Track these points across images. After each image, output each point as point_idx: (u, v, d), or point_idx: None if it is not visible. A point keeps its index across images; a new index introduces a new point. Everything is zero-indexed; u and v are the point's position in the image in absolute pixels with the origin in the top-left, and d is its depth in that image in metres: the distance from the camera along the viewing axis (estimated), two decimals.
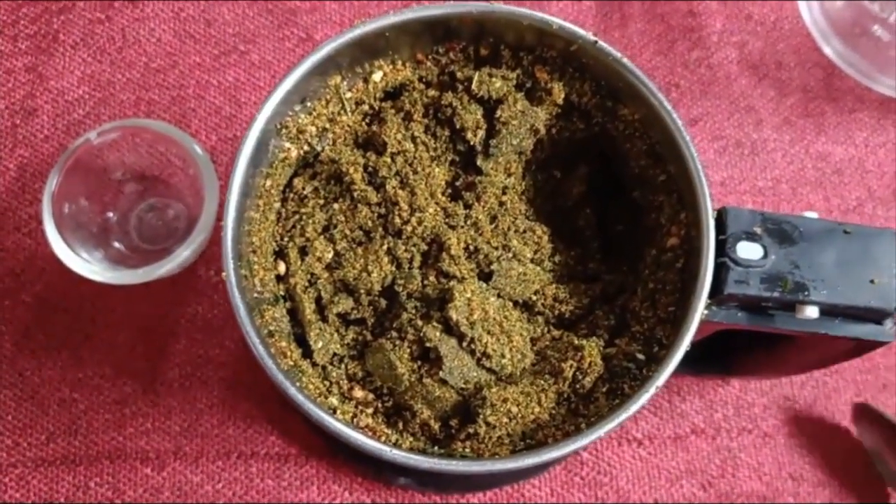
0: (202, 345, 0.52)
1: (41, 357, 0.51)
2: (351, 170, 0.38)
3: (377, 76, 0.41)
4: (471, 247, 0.39)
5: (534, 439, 0.36)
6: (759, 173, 0.59)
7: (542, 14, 0.39)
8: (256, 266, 0.37)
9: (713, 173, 0.58)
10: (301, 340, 0.38)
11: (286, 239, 0.39)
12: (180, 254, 0.46)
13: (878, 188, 0.59)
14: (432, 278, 0.38)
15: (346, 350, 0.39)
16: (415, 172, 0.39)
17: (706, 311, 0.37)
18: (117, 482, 0.49)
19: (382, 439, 0.36)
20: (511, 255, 0.40)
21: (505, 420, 0.36)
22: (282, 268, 0.39)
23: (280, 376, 0.34)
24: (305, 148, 0.40)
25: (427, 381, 0.36)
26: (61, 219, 0.47)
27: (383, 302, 0.39)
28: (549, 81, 0.40)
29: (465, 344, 0.37)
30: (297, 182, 0.40)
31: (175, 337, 0.52)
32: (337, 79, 0.40)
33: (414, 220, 0.38)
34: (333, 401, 0.37)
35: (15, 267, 0.52)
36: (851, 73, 0.60)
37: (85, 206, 0.49)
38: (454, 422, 0.37)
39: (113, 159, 0.49)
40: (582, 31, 0.39)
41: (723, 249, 0.37)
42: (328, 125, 0.40)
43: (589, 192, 0.44)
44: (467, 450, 0.36)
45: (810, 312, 0.37)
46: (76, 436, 0.49)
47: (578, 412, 0.37)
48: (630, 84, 0.39)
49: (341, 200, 0.39)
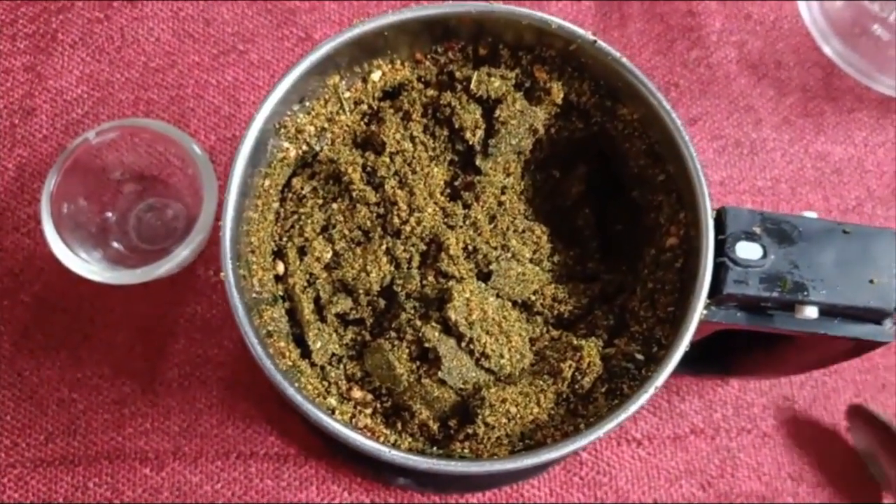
0: (201, 345, 0.52)
1: (40, 357, 0.51)
2: (349, 170, 0.38)
3: (376, 76, 0.41)
4: (470, 247, 0.39)
5: (533, 440, 0.36)
6: (759, 173, 0.59)
7: (541, 13, 0.39)
8: (255, 266, 0.37)
9: (712, 173, 0.58)
10: (300, 340, 0.38)
11: (285, 239, 0.39)
12: (179, 254, 0.46)
13: (878, 188, 0.59)
14: (431, 278, 0.38)
15: (345, 350, 0.39)
16: (413, 172, 0.39)
17: (705, 311, 0.37)
18: (116, 482, 0.49)
19: (381, 440, 0.36)
20: (510, 255, 0.40)
21: (504, 420, 0.36)
22: (280, 268, 0.39)
23: (278, 376, 0.34)
24: (304, 148, 0.40)
25: (426, 382, 0.36)
26: (60, 219, 0.47)
27: (382, 302, 0.39)
28: (548, 81, 0.40)
29: (464, 344, 0.37)
30: (296, 182, 0.40)
31: (174, 337, 0.51)
32: (335, 78, 0.40)
33: (413, 220, 0.38)
34: (332, 401, 0.37)
35: (13, 267, 0.52)
36: (851, 73, 0.60)
37: (84, 206, 0.49)
38: (453, 422, 0.37)
39: (112, 159, 0.49)
40: (581, 31, 0.39)
41: (722, 249, 0.37)
42: (327, 125, 0.40)
43: (588, 192, 0.44)
44: (466, 450, 0.36)
45: (809, 312, 0.37)
46: (75, 436, 0.49)
47: (577, 412, 0.37)
48: (629, 83, 0.39)
49: (340, 200, 0.39)
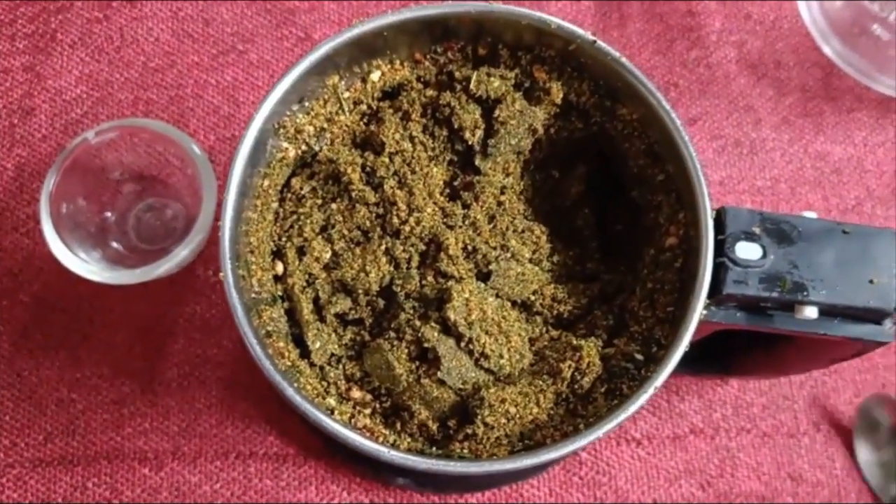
0: (200, 344, 0.51)
1: (39, 357, 0.51)
2: (349, 170, 0.38)
3: (375, 76, 0.41)
4: (469, 247, 0.39)
5: (532, 440, 0.36)
6: (758, 172, 0.59)
7: (541, 14, 0.38)
8: (254, 266, 0.37)
9: (712, 172, 0.58)
10: (299, 341, 0.38)
11: (284, 239, 0.39)
12: (178, 253, 0.46)
13: (877, 187, 0.59)
14: (430, 278, 0.38)
15: (344, 350, 0.39)
16: (413, 172, 0.39)
17: (705, 312, 0.37)
18: (115, 482, 0.49)
19: (380, 440, 0.36)
20: (509, 255, 0.40)
21: (503, 421, 0.36)
22: (279, 268, 0.39)
23: (278, 377, 0.34)
24: (303, 148, 0.40)
25: (425, 382, 0.36)
26: (59, 219, 0.47)
27: (381, 302, 0.39)
28: (548, 81, 0.40)
29: (464, 344, 0.37)
30: (295, 182, 0.40)
31: (173, 337, 0.51)
32: (335, 78, 0.40)
33: (412, 220, 0.38)
34: (331, 401, 0.37)
35: (13, 267, 0.52)
36: (850, 73, 0.60)
37: (83, 206, 0.49)
38: (452, 422, 0.37)
39: (111, 159, 0.49)
40: (580, 31, 0.39)
41: (721, 249, 0.37)
42: (326, 125, 0.40)
43: (587, 192, 0.44)
44: (465, 450, 0.36)
45: (809, 312, 0.37)
46: (74, 436, 0.49)
47: (577, 413, 0.37)
48: (629, 83, 0.39)
49: (339, 200, 0.39)
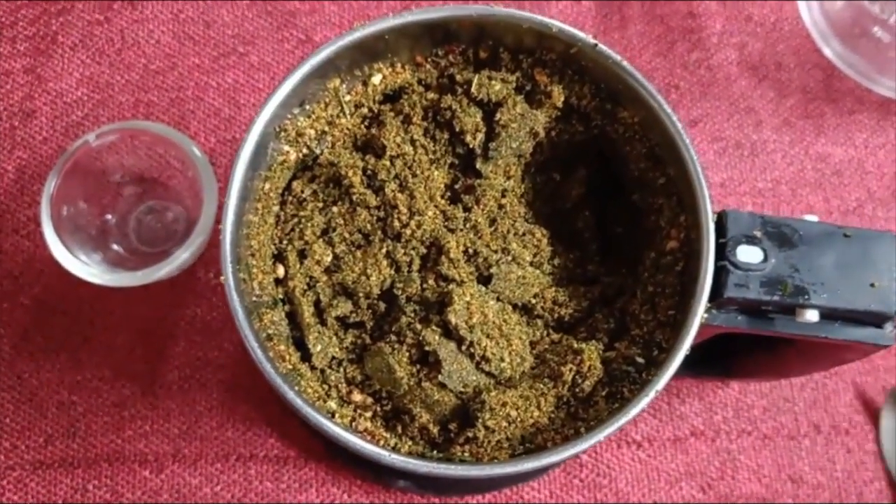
0: (201, 347, 0.51)
1: (40, 360, 0.51)
2: (350, 173, 0.38)
3: (376, 79, 0.41)
4: (470, 250, 0.39)
5: (533, 443, 0.36)
6: (759, 174, 0.59)
7: (542, 17, 0.38)
8: (255, 269, 0.37)
9: (713, 175, 0.58)
10: (300, 344, 0.38)
11: (285, 242, 0.39)
12: (179, 256, 0.46)
13: (878, 189, 0.59)
14: (431, 282, 0.38)
15: (345, 353, 0.39)
16: (414, 175, 0.39)
17: (706, 315, 0.36)
18: (116, 485, 0.49)
19: (381, 443, 0.36)
20: (510, 258, 0.40)
21: (504, 424, 0.36)
22: (280, 271, 0.39)
23: (278, 380, 0.34)
24: (304, 151, 0.40)
25: (426, 385, 0.36)
26: (60, 221, 0.47)
27: (382, 305, 0.39)
28: (549, 84, 0.40)
29: (464, 347, 0.37)
30: (296, 185, 0.40)
31: (174, 339, 0.51)
32: (336, 82, 0.40)
33: (413, 224, 0.38)
34: (332, 404, 0.37)
35: (13, 269, 0.52)
36: (851, 75, 0.60)
37: (83, 209, 0.49)
38: (453, 426, 0.37)
39: (112, 161, 0.49)
40: (582, 34, 0.38)
41: (723, 253, 0.37)
42: (327, 128, 0.40)
43: (588, 195, 0.44)
44: (466, 454, 0.36)
45: (810, 316, 0.37)
46: (74, 438, 0.49)
47: (578, 416, 0.37)
48: (630, 87, 0.39)
49: (340, 203, 0.39)
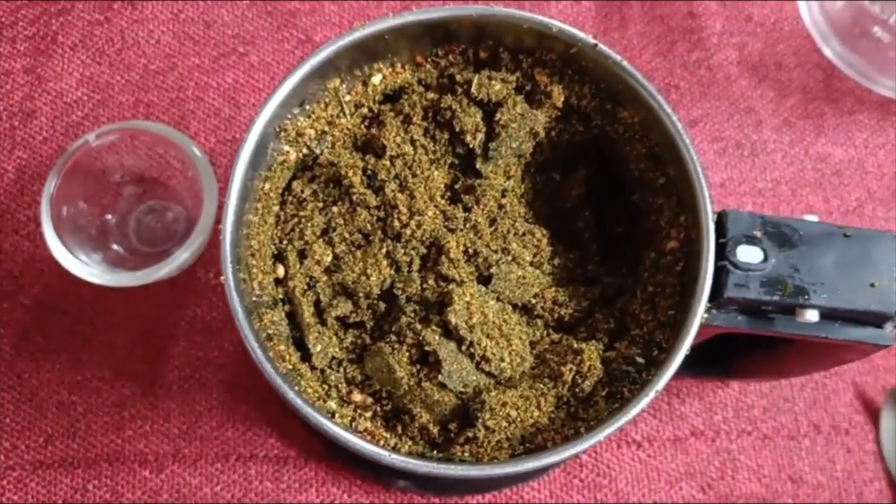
0: (201, 347, 0.52)
1: (40, 360, 0.51)
2: (350, 173, 0.38)
3: (376, 79, 0.41)
4: (470, 250, 0.39)
5: (533, 443, 0.36)
6: (759, 174, 0.59)
7: (542, 17, 0.38)
8: (255, 269, 0.37)
9: (713, 175, 0.58)
10: (300, 344, 0.38)
11: (285, 242, 0.39)
12: (179, 256, 0.46)
13: (878, 189, 0.59)
14: (431, 282, 0.38)
15: (345, 353, 0.39)
16: (414, 175, 0.39)
17: (706, 315, 0.36)
18: (116, 485, 0.49)
19: (381, 443, 0.36)
20: (510, 258, 0.40)
21: (504, 424, 0.36)
22: (280, 271, 0.39)
23: (278, 380, 0.34)
24: (304, 151, 0.40)
25: (426, 385, 0.36)
26: (60, 221, 0.47)
27: (382, 305, 0.39)
28: (549, 84, 0.40)
29: (465, 348, 0.37)
30: (296, 185, 0.40)
31: (174, 339, 0.51)
32: (336, 82, 0.40)
33: (413, 224, 0.38)
34: (332, 404, 0.37)
35: (13, 269, 0.52)
36: (851, 75, 0.60)
37: (83, 209, 0.49)
38: (453, 426, 0.37)
39: (112, 161, 0.49)
40: (582, 34, 0.38)
41: (723, 253, 0.37)
42: (327, 128, 0.40)
43: (588, 194, 0.44)
44: (466, 454, 0.36)
45: (810, 316, 0.37)
46: (75, 438, 0.49)
47: (578, 416, 0.37)
48: (630, 87, 0.39)
49: (340, 203, 0.39)
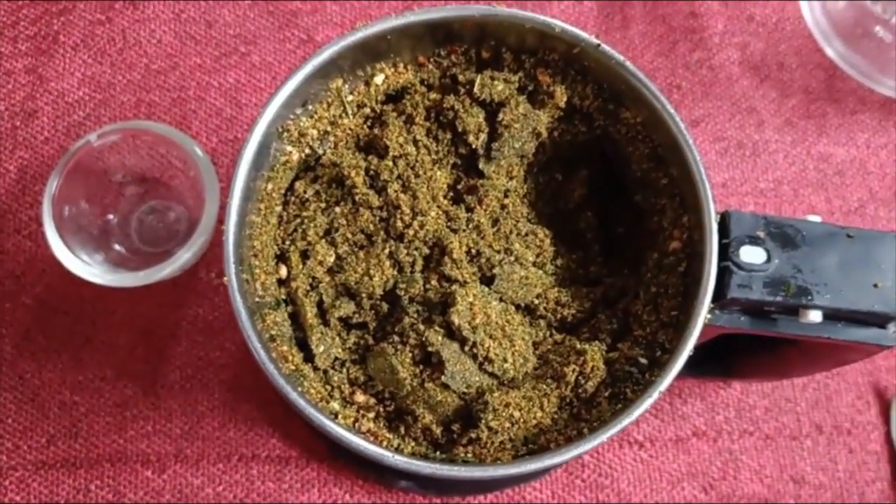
0: (203, 347, 0.52)
1: (41, 360, 0.51)
2: (352, 173, 0.38)
3: (379, 79, 0.40)
4: (473, 250, 0.39)
5: (536, 444, 0.36)
6: (761, 174, 0.58)
7: (544, 17, 0.38)
8: (258, 270, 0.37)
9: (715, 175, 0.58)
10: (302, 344, 0.38)
11: (288, 242, 0.39)
12: (181, 256, 0.46)
13: (880, 189, 0.59)
14: (434, 282, 0.38)
15: (348, 354, 0.39)
16: (416, 176, 0.39)
17: (709, 316, 0.36)
18: (118, 485, 0.49)
19: (384, 444, 0.36)
20: (513, 259, 0.40)
21: (507, 425, 0.35)
22: (283, 271, 0.39)
23: (281, 381, 0.34)
24: (307, 151, 0.40)
25: (429, 386, 0.36)
26: (62, 221, 0.47)
27: (385, 306, 0.39)
28: (552, 84, 0.40)
29: (467, 348, 0.37)
30: (299, 185, 0.40)
31: (176, 339, 0.51)
32: (338, 82, 0.40)
33: (416, 224, 0.38)
34: (335, 405, 0.37)
35: (15, 269, 0.52)
36: (853, 75, 0.60)
37: (85, 209, 0.49)
38: (456, 426, 0.37)
39: (113, 161, 0.49)
40: (584, 35, 0.38)
41: (726, 253, 0.37)
42: (329, 128, 0.40)
43: (590, 195, 0.44)
44: (469, 455, 0.36)
45: (813, 317, 0.37)
46: (76, 438, 0.49)
47: (581, 417, 0.37)
48: (632, 87, 0.39)
49: (343, 204, 0.39)
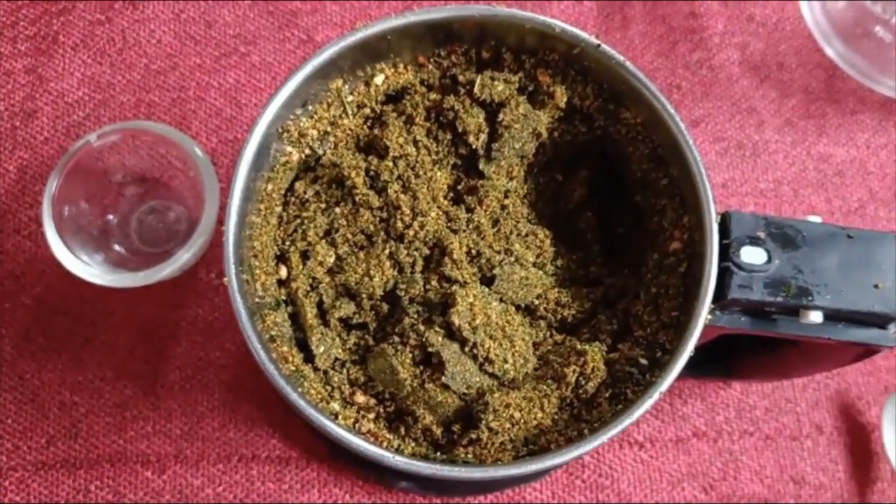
0: (203, 347, 0.51)
1: (41, 360, 0.50)
2: (352, 174, 0.38)
3: (379, 79, 0.40)
4: (473, 251, 0.39)
5: (536, 445, 0.36)
6: (761, 175, 0.58)
7: (544, 17, 0.38)
8: (258, 270, 0.37)
9: (715, 175, 0.58)
10: (303, 345, 0.38)
11: (288, 243, 0.39)
12: (181, 256, 0.46)
13: (880, 189, 0.59)
14: (434, 283, 0.38)
15: (348, 355, 0.39)
16: (416, 176, 0.39)
17: (709, 316, 0.36)
18: (118, 485, 0.49)
19: (384, 445, 0.36)
20: (513, 259, 0.40)
21: (507, 425, 0.35)
22: (283, 272, 0.39)
23: (281, 382, 0.34)
24: (307, 151, 0.40)
25: (429, 387, 0.36)
26: (61, 221, 0.47)
27: (385, 306, 0.39)
28: (552, 85, 0.40)
29: (468, 349, 0.37)
30: (299, 186, 0.40)
31: (176, 339, 0.51)
32: (338, 82, 0.40)
33: (416, 225, 0.38)
34: (335, 406, 0.37)
35: (15, 270, 0.52)
36: (853, 75, 0.60)
37: (85, 209, 0.49)
38: (456, 427, 0.37)
39: (113, 162, 0.49)
40: (585, 35, 0.38)
41: (726, 254, 0.37)
42: (329, 129, 0.40)
43: (590, 195, 0.44)
44: (470, 455, 0.36)
45: (814, 317, 0.37)
46: (76, 439, 0.49)
47: (581, 417, 0.37)
48: (633, 87, 0.39)
49: (343, 204, 0.39)
